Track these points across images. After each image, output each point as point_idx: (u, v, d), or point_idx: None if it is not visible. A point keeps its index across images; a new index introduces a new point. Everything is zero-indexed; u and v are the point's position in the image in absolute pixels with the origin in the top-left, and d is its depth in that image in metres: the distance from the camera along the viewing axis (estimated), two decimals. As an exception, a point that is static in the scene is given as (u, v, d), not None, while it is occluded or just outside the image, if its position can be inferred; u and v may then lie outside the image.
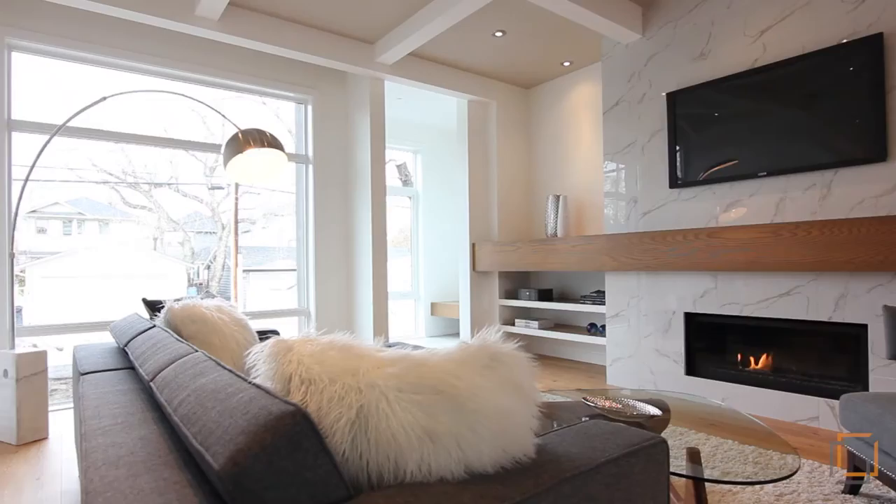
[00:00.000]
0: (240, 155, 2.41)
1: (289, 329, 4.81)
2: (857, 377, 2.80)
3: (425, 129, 6.53)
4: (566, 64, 4.65)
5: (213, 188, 6.23)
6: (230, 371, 1.02)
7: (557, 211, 4.61)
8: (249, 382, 0.91)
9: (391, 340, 4.49)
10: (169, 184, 5.97)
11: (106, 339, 2.50)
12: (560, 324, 4.92)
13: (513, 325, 4.96)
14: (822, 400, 2.84)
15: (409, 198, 6.69)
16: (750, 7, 3.16)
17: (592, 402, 1.96)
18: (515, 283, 5.15)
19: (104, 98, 2.63)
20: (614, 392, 2.66)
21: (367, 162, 4.43)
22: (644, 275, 3.69)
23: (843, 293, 2.76)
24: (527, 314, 5.05)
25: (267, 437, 0.71)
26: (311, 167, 4.57)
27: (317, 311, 4.51)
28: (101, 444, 1.03)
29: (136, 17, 3.23)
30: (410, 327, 6.63)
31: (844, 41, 2.78)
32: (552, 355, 5.03)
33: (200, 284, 6.38)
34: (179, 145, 4.14)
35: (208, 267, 6.44)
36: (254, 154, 2.44)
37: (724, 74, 3.27)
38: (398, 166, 7.15)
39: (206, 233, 6.50)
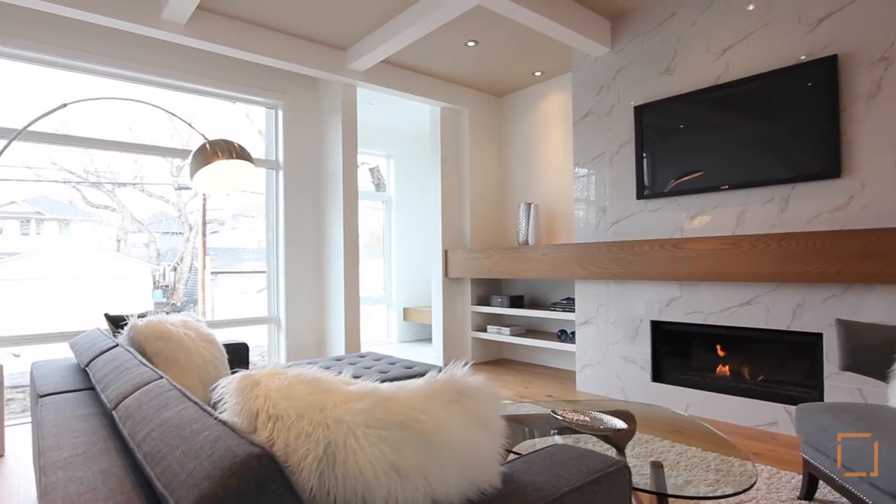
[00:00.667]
0: (207, 166, 2.37)
1: (258, 338, 4.74)
2: (813, 384, 2.92)
3: (398, 134, 6.53)
4: (537, 74, 4.71)
5: (179, 188, 6.10)
6: (195, 403, 1.01)
7: (529, 218, 4.66)
8: (215, 418, 0.90)
9: (363, 350, 4.47)
10: (133, 183, 5.81)
11: (65, 350, 2.42)
12: (531, 330, 4.98)
13: (485, 331, 5.00)
14: (780, 406, 2.95)
15: (382, 202, 6.67)
16: (713, 25, 3.27)
17: (561, 416, 2.00)
18: (487, 290, 5.18)
19: (64, 105, 2.55)
20: (583, 403, 2.71)
21: (339, 168, 4.40)
22: (612, 283, 3.76)
23: (800, 303, 2.87)
24: (499, 321, 5.09)
25: (232, 481, 0.71)
26: (281, 173, 4.51)
27: (287, 319, 4.46)
28: (61, 480, 1.01)
29: (100, 21, 3.14)
30: (383, 333, 6.61)
31: (802, 60, 2.90)
32: (524, 361, 5.08)
33: (166, 287, 6.24)
34: (145, 150, 4.03)
35: (175, 269, 6.30)
36: (221, 165, 2.41)
37: (689, 90, 3.37)
38: (371, 169, 7.12)
39: (173, 233, 6.35)
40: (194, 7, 3.25)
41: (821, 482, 2.12)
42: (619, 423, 1.90)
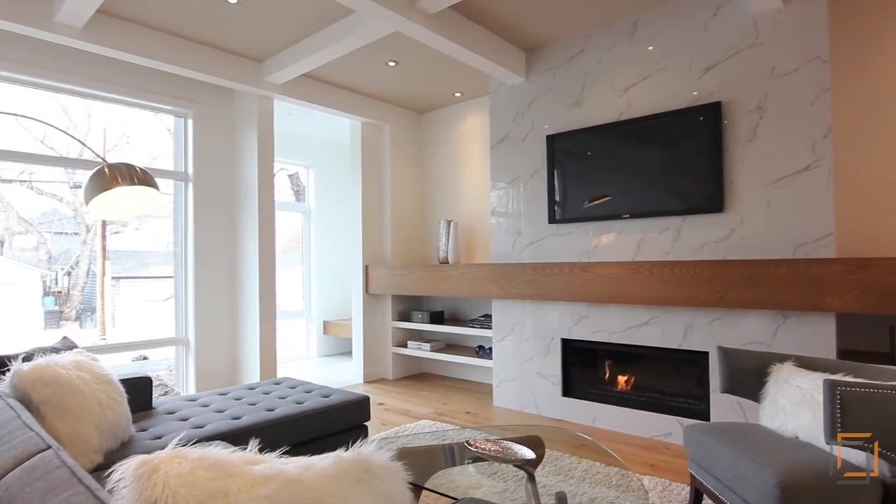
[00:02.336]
0: (106, 192, 2.21)
1: (167, 350, 4.46)
2: (701, 396, 3.21)
3: (318, 144, 6.40)
4: (457, 94, 4.81)
5: (75, 186, 5.62)
6: (87, 488, 0.96)
7: (449, 236, 4.75)
8: (108, 510, 0.87)
9: (279, 375, 4.34)
10: (21, 180, 5.28)
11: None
12: (451, 345, 5.07)
13: (405, 346, 5.03)
14: (674, 418, 3.22)
15: (302, 213, 6.51)
16: (616, 65, 3.51)
17: (475, 447, 2.07)
18: (408, 306, 5.22)
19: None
20: (498, 429, 2.82)
21: (255, 181, 4.24)
22: (528, 301, 3.93)
23: (689, 324, 3.16)
24: (419, 336, 5.14)
25: None
26: (190, 185, 4.27)
27: (197, 340, 4.23)
28: (-76, 581, 0.92)
29: (-17, 22, 2.86)
30: (303, 347, 6.45)
31: (692, 103, 3.19)
32: (444, 375, 5.16)
33: (59, 293, 5.72)
34: (37, 160, 3.69)
35: (69, 273, 5.78)
36: (122, 192, 2.26)
37: (595, 123, 3.59)
38: (290, 176, 6.93)
39: (67, 234, 5.82)
40: (93, 11, 3.02)
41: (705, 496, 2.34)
42: (529, 454, 2.00)
